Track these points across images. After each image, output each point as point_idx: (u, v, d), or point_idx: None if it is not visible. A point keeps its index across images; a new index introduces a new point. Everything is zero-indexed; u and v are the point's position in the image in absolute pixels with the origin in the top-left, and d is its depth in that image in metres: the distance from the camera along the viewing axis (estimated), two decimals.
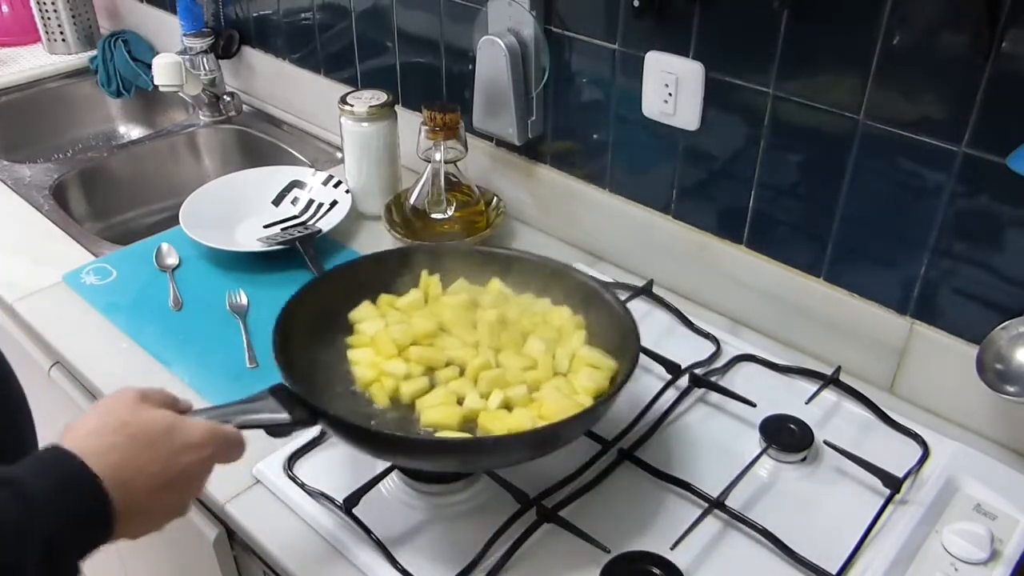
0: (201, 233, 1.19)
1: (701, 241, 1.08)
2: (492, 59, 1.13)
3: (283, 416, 0.72)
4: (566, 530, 0.79)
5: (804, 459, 0.88)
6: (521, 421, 0.78)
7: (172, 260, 1.20)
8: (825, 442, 0.89)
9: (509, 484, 0.83)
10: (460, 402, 0.81)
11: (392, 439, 0.76)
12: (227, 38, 1.64)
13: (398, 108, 1.28)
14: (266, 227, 1.27)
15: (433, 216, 1.16)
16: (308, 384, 0.82)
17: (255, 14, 1.59)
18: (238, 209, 1.29)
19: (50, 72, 1.81)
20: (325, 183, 1.32)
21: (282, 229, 1.26)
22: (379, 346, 0.86)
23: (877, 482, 0.84)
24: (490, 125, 1.21)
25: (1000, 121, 0.80)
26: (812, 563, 0.77)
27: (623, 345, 0.84)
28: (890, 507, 0.82)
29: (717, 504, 0.81)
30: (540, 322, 0.89)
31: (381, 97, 1.25)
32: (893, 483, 0.83)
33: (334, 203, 1.28)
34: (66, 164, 1.50)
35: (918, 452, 0.88)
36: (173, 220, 1.24)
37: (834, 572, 0.76)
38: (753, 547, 0.80)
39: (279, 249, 1.18)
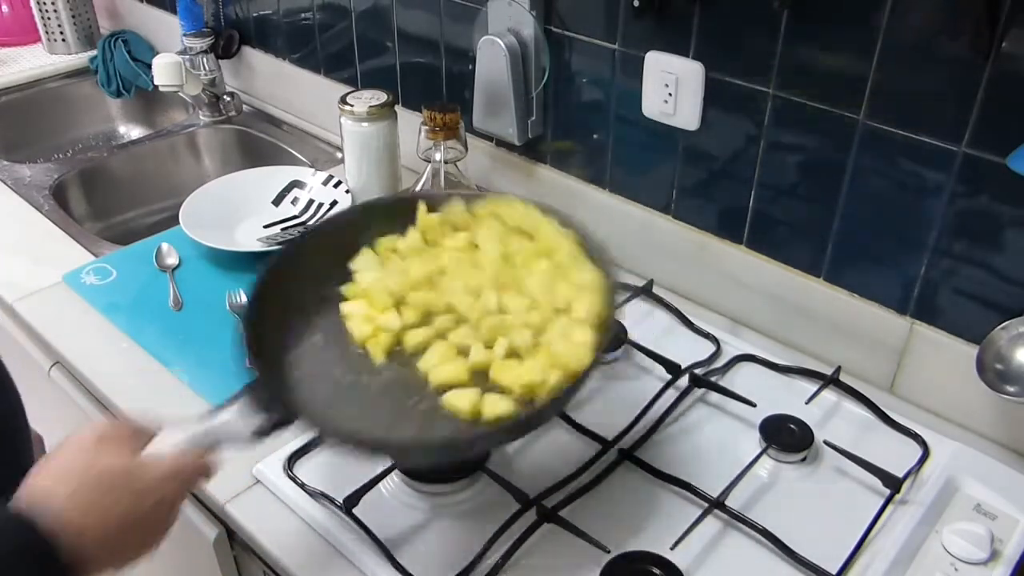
0: (201, 233, 1.19)
1: (701, 241, 1.08)
2: (492, 59, 1.13)
3: (255, 423, 0.68)
4: (566, 530, 0.79)
5: (804, 459, 0.88)
6: (532, 372, 0.72)
7: (172, 260, 1.20)
8: (825, 442, 0.89)
9: (509, 484, 0.83)
10: (465, 354, 0.75)
11: (376, 443, 0.71)
12: (227, 38, 1.64)
13: (398, 108, 1.28)
14: (266, 227, 1.27)
15: None
16: (282, 370, 0.75)
17: (255, 14, 1.59)
18: (238, 209, 1.29)
19: (50, 72, 1.81)
20: (325, 183, 1.32)
21: (282, 229, 1.26)
22: (373, 297, 0.80)
23: (877, 482, 0.84)
24: (490, 125, 1.21)
25: (1000, 121, 0.80)
26: (812, 563, 0.77)
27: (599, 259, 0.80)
28: (890, 507, 0.82)
29: (717, 504, 0.81)
30: (539, 250, 0.82)
31: (381, 97, 1.25)
32: (893, 483, 0.83)
33: (334, 203, 1.28)
34: (66, 164, 1.50)
35: (918, 452, 0.88)
36: (173, 220, 1.24)
37: (834, 572, 0.76)
38: (753, 547, 0.80)
39: (279, 249, 1.18)
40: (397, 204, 0.90)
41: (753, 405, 0.92)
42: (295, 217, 1.29)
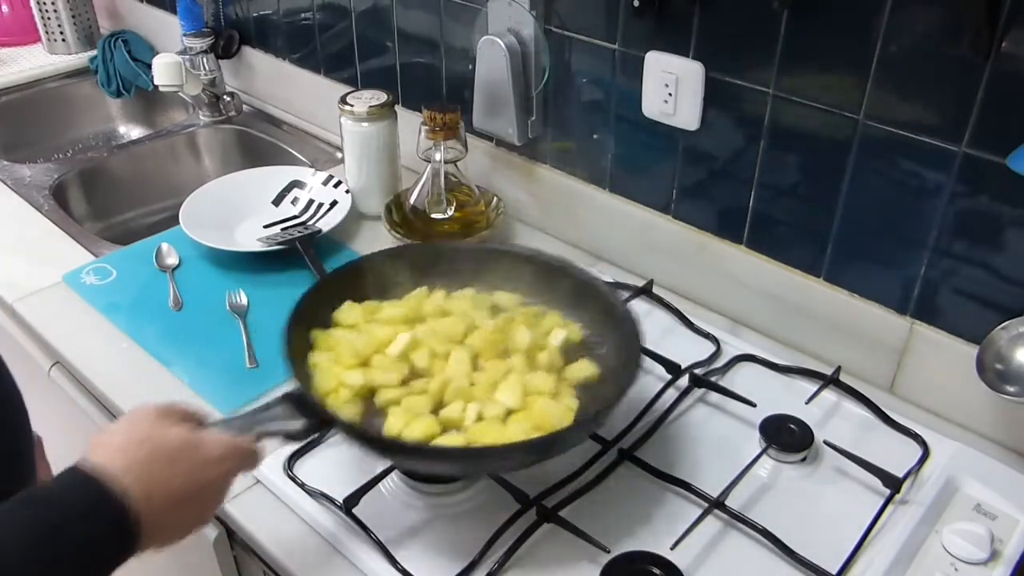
0: (201, 233, 1.19)
1: (701, 241, 1.08)
2: (492, 59, 1.13)
3: (296, 425, 0.74)
4: (566, 530, 0.79)
5: (804, 459, 0.88)
6: (516, 435, 0.77)
7: (172, 260, 1.20)
8: (825, 442, 0.89)
9: (509, 484, 0.83)
10: (436, 412, 0.80)
11: (404, 447, 0.76)
12: (227, 38, 1.64)
13: (398, 108, 1.28)
14: (266, 227, 1.27)
15: (433, 216, 1.16)
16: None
17: (255, 14, 1.59)
18: (238, 209, 1.29)
19: (50, 72, 1.81)
20: (325, 183, 1.32)
21: (282, 229, 1.26)
22: (340, 353, 0.84)
23: (877, 482, 0.84)
24: (490, 125, 1.21)
25: (1000, 121, 0.80)
26: (812, 563, 0.77)
27: (625, 347, 0.85)
28: (890, 507, 0.82)
29: (717, 504, 0.81)
30: (530, 344, 0.87)
31: (381, 97, 1.25)
32: (893, 483, 0.83)
33: (334, 203, 1.28)
34: (66, 164, 1.50)
35: (918, 452, 0.88)
36: (173, 220, 1.24)
37: (834, 572, 0.76)
38: (753, 547, 0.80)
39: (279, 249, 1.18)
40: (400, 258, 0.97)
41: (753, 405, 0.92)
42: (295, 217, 1.29)
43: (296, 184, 1.33)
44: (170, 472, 0.61)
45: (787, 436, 0.89)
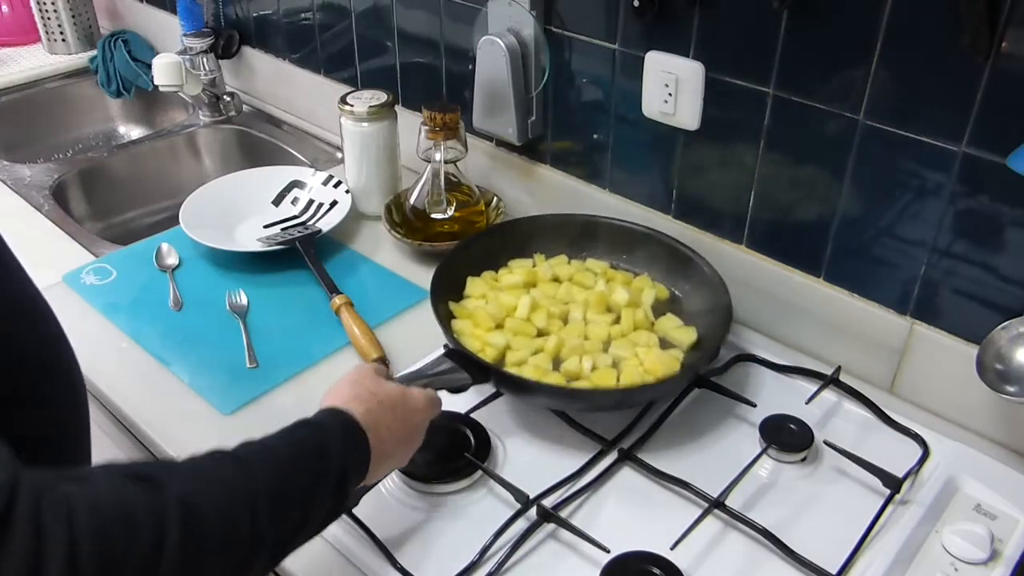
0: (201, 233, 1.19)
1: (701, 241, 1.08)
2: (492, 59, 1.13)
3: (464, 377, 0.87)
4: (566, 530, 0.79)
5: (804, 459, 0.89)
6: (631, 377, 0.92)
7: (172, 260, 1.20)
8: (825, 442, 0.89)
9: (509, 484, 0.83)
10: (556, 366, 0.94)
11: (558, 390, 0.90)
12: (227, 38, 1.64)
13: (398, 108, 1.28)
14: (266, 227, 1.27)
15: (433, 216, 1.16)
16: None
17: (255, 14, 1.59)
18: (238, 209, 1.29)
19: (50, 72, 1.81)
20: (325, 183, 1.32)
21: (282, 229, 1.26)
22: (477, 319, 0.98)
23: (877, 482, 0.84)
24: (490, 125, 1.21)
25: (1000, 121, 0.80)
26: (812, 563, 0.77)
27: (710, 302, 0.99)
28: (890, 507, 0.82)
29: (717, 504, 0.81)
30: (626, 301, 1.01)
31: (381, 97, 1.25)
32: (893, 483, 0.83)
33: (334, 203, 1.28)
34: (66, 164, 1.50)
35: (918, 452, 0.88)
36: (173, 220, 1.24)
37: (834, 572, 0.76)
38: (753, 547, 0.80)
39: (279, 249, 1.18)
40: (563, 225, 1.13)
41: (753, 405, 0.92)
42: (295, 217, 1.29)
43: (296, 184, 1.33)
44: (391, 417, 0.73)
45: (787, 436, 0.89)
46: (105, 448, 1.05)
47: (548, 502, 0.82)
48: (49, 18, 1.83)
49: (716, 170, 1.04)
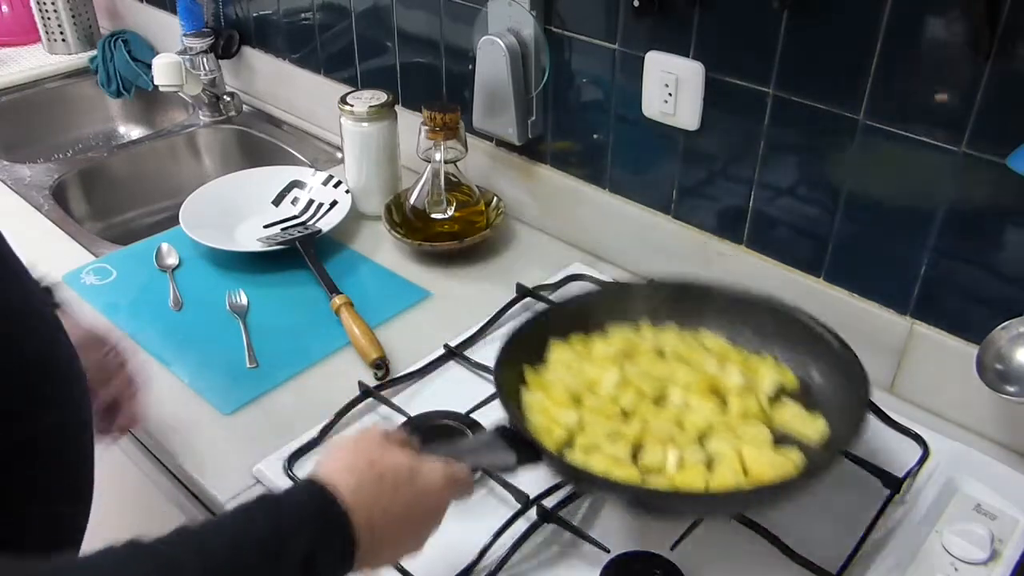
0: (201, 233, 1.19)
1: (701, 241, 1.08)
2: (492, 59, 1.13)
3: (510, 459, 0.72)
4: (566, 530, 0.79)
5: None
6: (724, 480, 0.74)
7: (172, 260, 1.20)
8: None
9: (509, 484, 0.83)
10: (634, 458, 0.77)
11: (628, 489, 0.73)
12: (227, 38, 1.64)
13: (398, 108, 1.28)
14: (266, 227, 1.27)
15: (433, 216, 1.16)
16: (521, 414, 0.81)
17: (255, 14, 1.59)
18: (238, 209, 1.29)
19: (50, 72, 1.81)
20: (325, 183, 1.32)
21: (282, 229, 1.26)
22: (551, 392, 0.82)
23: (877, 482, 0.84)
24: (490, 125, 1.21)
25: (1000, 121, 0.80)
26: (812, 563, 0.76)
27: (845, 398, 0.80)
28: (890, 507, 0.82)
29: None
30: (742, 388, 0.83)
31: (381, 97, 1.25)
32: (893, 483, 0.83)
33: (334, 203, 1.28)
34: (66, 164, 1.50)
35: (918, 452, 0.88)
36: (173, 220, 1.24)
37: (834, 572, 0.76)
38: (753, 547, 0.80)
39: (279, 249, 1.18)
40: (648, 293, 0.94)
41: None
42: (295, 217, 1.29)
43: (296, 184, 1.33)
44: (392, 496, 0.61)
45: None
46: (105, 448, 1.04)
47: (548, 502, 0.82)
48: (49, 18, 1.83)
49: (716, 170, 1.04)
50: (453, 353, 1.01)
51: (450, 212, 1.16)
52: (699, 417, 0.80)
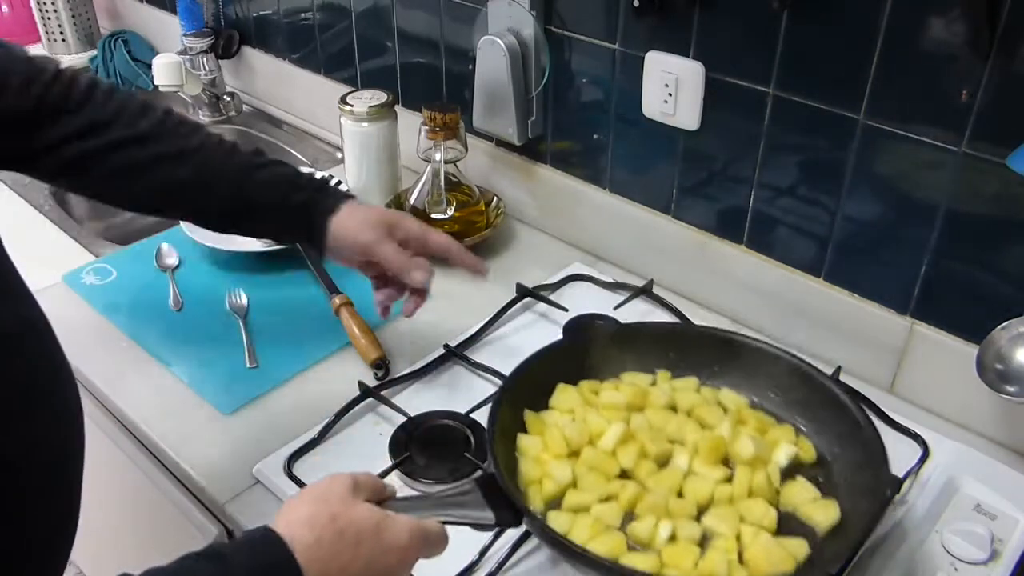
0: (201, 233, 1.19)
1: (701, 241, 1.08)
2: (492, 59, 1.13)
3: (487, 516, 0.68)
4: None
5: None
6: (714, 565, 0.68)
7: (172, 260, 1.20)
8: None
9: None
10: (623, 527, 0.73)
11: (606, 567, 0.67)
12: (227, 38, 1.64)
13: (398, 108, 1.28)
14: None
15: (433, 216, 1.16)
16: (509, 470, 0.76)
17: (255, 14, 1.59)
18: None
19: None
20: None
21: None
22: (549, 440, 0.79)
23: None
24: (490, 125, 1.21)
25: (1000, 121, 0.80)
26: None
27: (863, 480, 0.74)
28: (890, 507, 0.82)
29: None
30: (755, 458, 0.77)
31: (381, 97, 1.25)
32: (893, 483, 0.83)
33: None
34: None
35: (918, 452, 0.88)
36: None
37: (834, 572, 0.76)
38: None
39: (279, 249, 1.18)
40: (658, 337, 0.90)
41: None
42: None
43: None
44: (353, 553, 0.59)
45: None
46: (105, 448, 1.05)
47: None
48: (49, 18, 1.83)
49: (716, 170, 1.04)
50: (453, 353, 1.01)
51: (450, 212, 1.16)
52: (702, 487, 0.75)
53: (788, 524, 0.74)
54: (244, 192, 0.86)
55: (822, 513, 0.74)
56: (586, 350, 0.87)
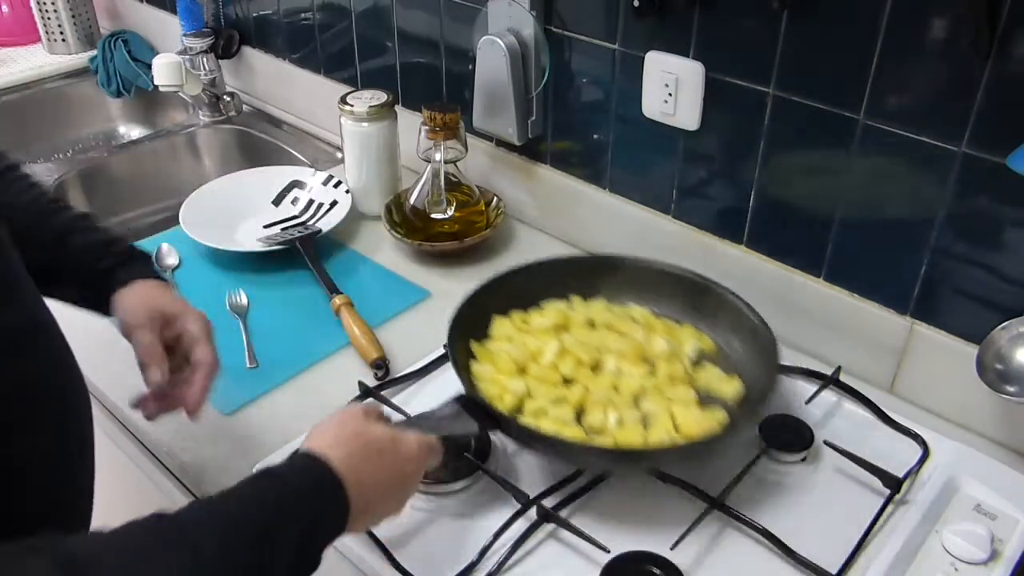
0: (201, 233, 1.19)
1: (701, 241, 1.08)
2: (492, 59, 1.13)
3: (472, 426, 0.80)
4: (566, 530, 0.79)
5: (804, 459, 0.88)
6: (660, 436, 0.83)
7: (172, 260, 1.20)
8: (825, 442, 0.89)
9: (509, 484, 0.83)
10: (578, 419, 0.86)
11: (577, 447, 0.81)
12: (227, 38, 1.64)
13: (398, 108, 1.28)
14: (266, 227, 1.27)
15: (433, 216, 1.16)
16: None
17: (255, 14, 1.59)
18: (238, 209, 1.29)
19: (50, 72, 1.81)
20: (325, 183, 1.32)
21: (282, 229, 1.26)
22: (498, 364, 0.91)
23: (877, 482, 0.84)
24: (490, 125, 1.21)
25: (1000, 121, 0.80)
26: (812, 563, 0.77)
27: (758, 358, 0.91)
28: (890, 507, 0.82)
29: (717, 504, 0.81)
30: (668, 354, 0.92)
31: (381, 97, 1.25)
32: (893, 483, 0.83)
33: (334, 203, 1.28)
34: (66, 164, 1.50)
35: (918, 452, 0.88)
36: (173, 220, 1.24)
37: (834, 572, 0.76)
38: (753, 547, 0.80)
39: (279, 249, 1.18)
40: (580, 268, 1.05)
41: None
42: (295, 217, 1.29)
43: (296, 184, 1.33)
44: (378, 464, 0.67)
45: (787, 436, 0.89)
46: (106, 448, 1.04)
47: (548, 502, 0.82)
48: (49, 18, 1.83)
49: (716, 170, 1.04)
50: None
51: (450, 212, 1.16)
52: (632, 381, 0.89)
53: (705, 400, 0.89)
54: (56, 254, 0.82)
55: (729, 387, 0.90)
56: (511, 285, 1.00)
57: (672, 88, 1.01)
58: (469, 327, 0.94)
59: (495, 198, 1.25)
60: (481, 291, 0.97)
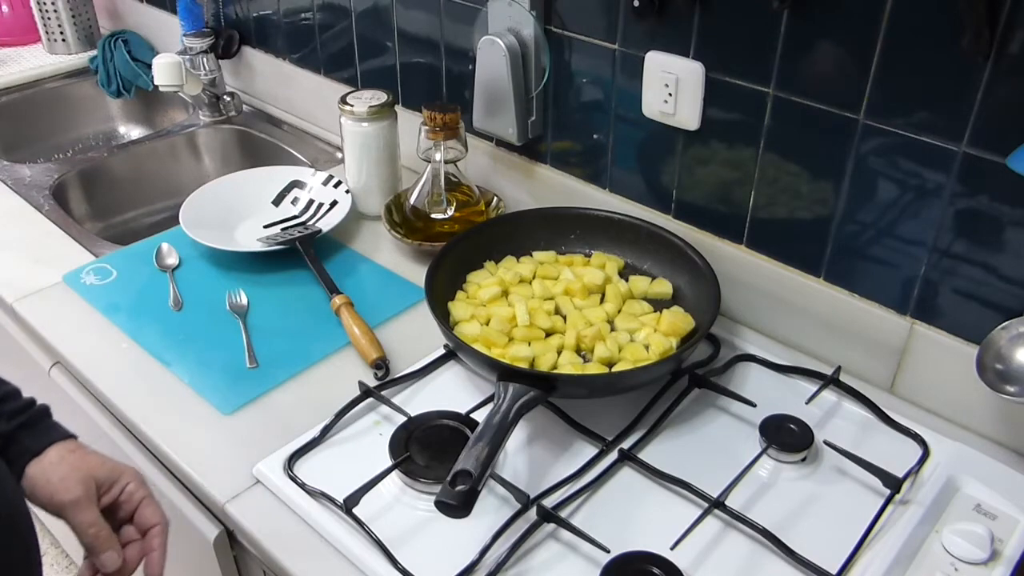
0: (201, 233, 1.19)
1: (701, 241, 1.08)
2: (492, 59, 1.13)
3: (536, 392, 0.84)
4: (566, 530, 0.79)
5: (804, 459, 0.88)
6: (635, 355, 0.95)
7: (172, 260, 1.20)
8: (825, 442, 0.89)
9: (509, 484, 0.83)
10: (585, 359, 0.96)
11: (601, 378, 0.92)
12: (227, 38, 1.64)
13: (398, 108, 1.28)
14: (266, 227, 1.27)
15: (433, 216, 1.16)
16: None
17: (255, 14, 1.59)
18: (238, 209, 1.29)
19: (50, 72, 1.81)
20: (325, 183, 1.32)
21: (282, 229, 1.26)
22: (491, 340, 0.96)
23: (877, 482, 0.84)
24: (490, 125, 1.21)
25: (1000, 121, 0.80)
26: (812, 563, 0.77)
27: (700, 291, 1.01)
28: (890, 507, 0.82)
29: (717, 504, 0.81)
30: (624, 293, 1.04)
31: (381, 97, 1.25)
32: (893, 483, 0.83)
33: (334, 203, 1.28)
34: (66, 164, 1.50)
35: (918, 452, 0.88)
36: (173, 220, 1.24)
37: (834, 572, 0.76)
38: (753, 547, 0.80)
39: (279, 249, 1.18)
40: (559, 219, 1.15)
41: (753, 405, 0.92)
42: (295, 217, 1.29)
43: (296, 184, 1.33)
44: None
45: (787, 436, 0.89)
46: (105, 448, 1.04)
47: (548, 502, 0.82)
48: (49, 18, 1.83)
49: (716, 170, 1.04)
50: (453, 353, 1.01)
51: (450, 212, 1.16)
52: (596, 312, 1.00)
53: (658, 308, 1.03)
54: None
55: (662, 287, 1.04)
56: (473, 243, 1.09)
57: (672, 88, 1.01)
58: (446, 320, 1.00)
59: (495, 198, 1.25)
60: (431, 285, 1.00)
